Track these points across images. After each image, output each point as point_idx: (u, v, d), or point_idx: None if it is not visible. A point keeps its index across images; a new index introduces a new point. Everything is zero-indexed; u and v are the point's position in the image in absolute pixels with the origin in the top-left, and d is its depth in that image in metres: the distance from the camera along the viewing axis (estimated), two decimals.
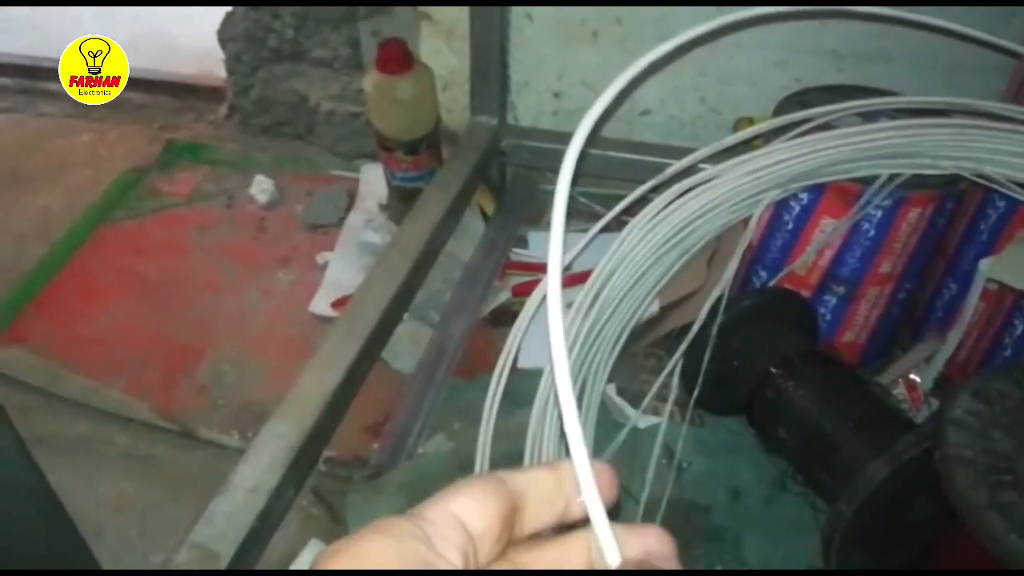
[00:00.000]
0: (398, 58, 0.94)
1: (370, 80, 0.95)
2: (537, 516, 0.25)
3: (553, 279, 0.27)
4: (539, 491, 0.25)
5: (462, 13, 1.00)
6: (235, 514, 0.60)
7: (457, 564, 0.22)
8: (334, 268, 1.00)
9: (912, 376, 0.79)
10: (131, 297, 1.02)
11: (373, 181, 1.10)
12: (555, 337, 0.26)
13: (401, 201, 1.03)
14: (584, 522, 0.25)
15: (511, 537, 0.24)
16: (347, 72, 1.16)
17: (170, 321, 0.99)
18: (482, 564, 0.23)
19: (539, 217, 1.09)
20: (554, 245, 0.27)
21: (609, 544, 0.24)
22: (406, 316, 0.88)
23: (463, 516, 0.23)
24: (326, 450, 0.77)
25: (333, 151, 1.21)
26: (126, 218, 1.15)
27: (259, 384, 0.90)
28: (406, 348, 0.87)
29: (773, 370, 0.73)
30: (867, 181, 0.72)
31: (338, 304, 0.95)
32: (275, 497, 0.61)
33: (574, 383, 0.76)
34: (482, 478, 0.24)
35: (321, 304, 0.96)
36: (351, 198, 1.12)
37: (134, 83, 1.38)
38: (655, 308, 0.86)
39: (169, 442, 0.84)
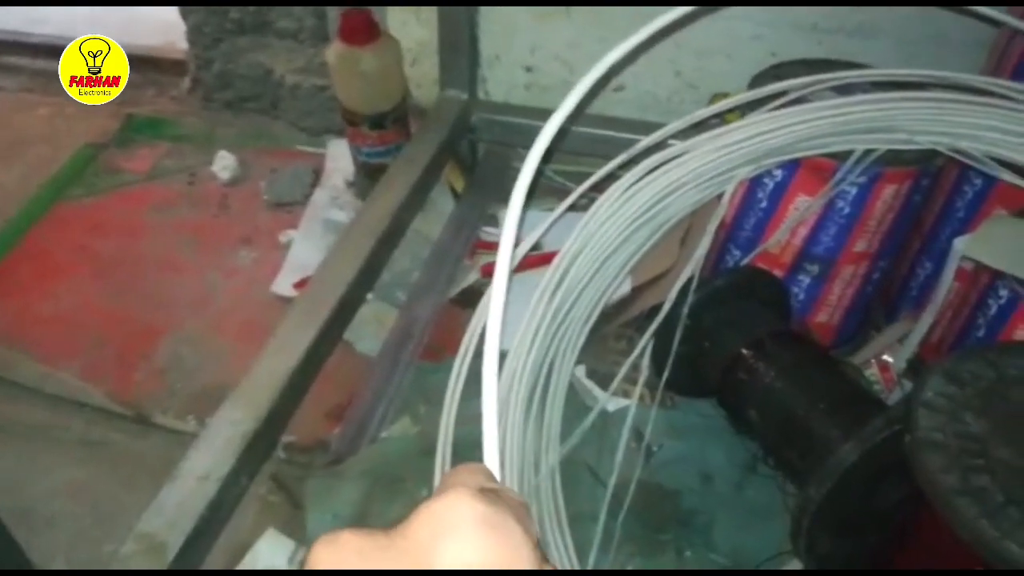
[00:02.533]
0: (362, 29, 0.90)
1: (333, 51, 0.92)
2: None
3: (502, 264, 0.24)
4: None
5: None
6: (184, 503, 0.57)
7: None
8: (298, 247, 0.97)
9: (885, 357, 0.78)
10: (88, 276, 0.99)
11: (339, 157, 1.07)
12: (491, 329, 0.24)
13: (368, 178, 1.00)
14: None
15: None
16: (313, 44, 1.12)
17: (128, 302, 0.96)
18: None
19: (510, 195, 1.06)
20: (508, 228, 0.25)
21: None
22: (370, 296, 0.85)
23: None
24: (285, 435, 0.75)
25: (298, 126, 1.18)
26: (84, 195, 1.11)
27: (219, 367, 0.87)
28: (370, 330, 0.85)
29: (744, 351, 0.71)
30: (842, 157, 0.70)
31: (301, 284, 0.92)
32: (227, 485, 0.58)
33: (541, 365, 0.74)
34: None
35: (284, 284, 0.93)
36: (317, 175, 1.08)
37: None
38: (626, 288, 0.84)
39: (125, 428, 0.82)
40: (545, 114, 0.38)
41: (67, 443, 0.81)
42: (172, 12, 1.17)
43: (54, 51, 1.34)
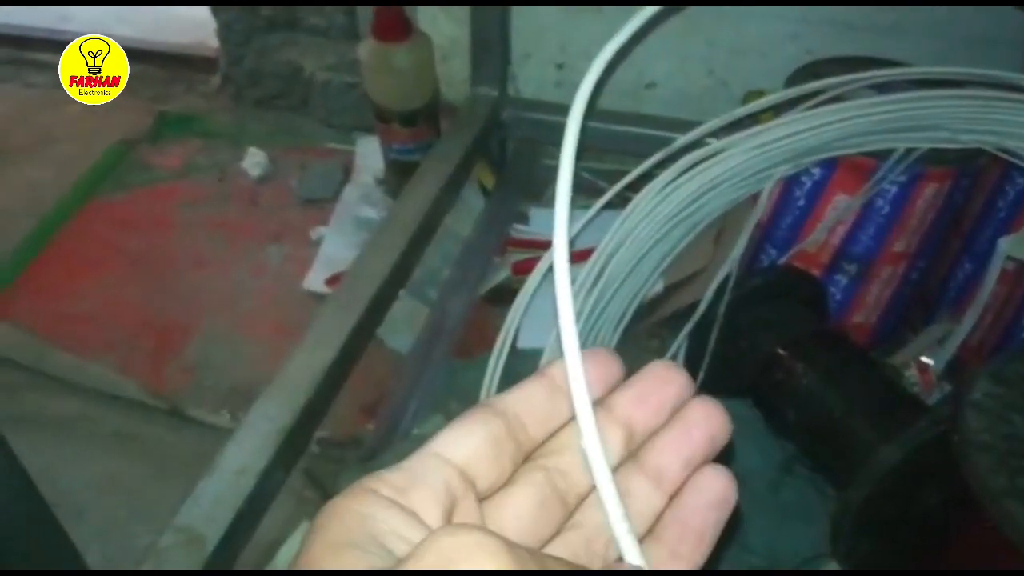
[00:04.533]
0: (395, 25, 0.90)
1: (366, 48, 0.92)
2: (541, 427, 0.24)
3: (560, 248, 0.24)
4: (534, 404, 0.24)
5: None
6: (222, 496, 0.57)
7: (432, 512, 0.20)
8: (329, 244, 0.98)
9: (924, 359, 0.76)
10: (120, 273, 1.00)
11: (369, 154, 1.07)
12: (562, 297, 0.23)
13: (398, 175, 1.00)
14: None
15: (524, 455, 0.23)
16: (343, 41, 1.12)
17: (159, 298, 0.96)
18: (483, 491, 0.22)
19: (540, 192, 1.05)
20: (560, 219, 0.25)
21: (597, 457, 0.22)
22: (402, 293, 0.85)
23: (445, 451, 0.22)
24: (319, 431, 0.74)
25: (328, 123, 1.18)
26: (115, 192, 1.12)
27: (250, 363, 0.87)
28: (402, 326, 0.85)
29: (781, 351, 0.71)
30: (882, 155, 0.69)
31: (332, 281, 0.92)
32: (264, 479, 0.58)
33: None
34: (467, 411, 0.23)
35: (315, 281, 0.94)
36: (347, 172, 1.08)
37: (125, 53, 1.35)
38: (659, 287, 0.83)
39: (159, 421, 0.82)
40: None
41: (101, 436, 0.81)
42: (203, 10, 1.18)
43: None
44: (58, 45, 1.39)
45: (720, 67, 1.00)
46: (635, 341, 0.86)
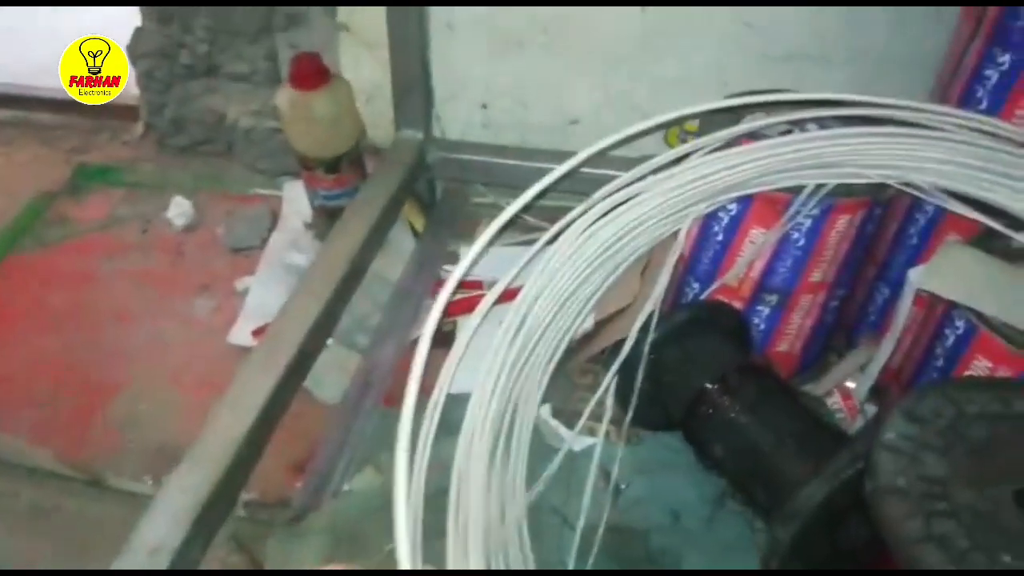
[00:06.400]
0: (312, 73, 0.90)
1: (284, 97, 0.91)
2: None
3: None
4: None
5: (382, 23, 0.96)
6: None
7: None
8: (256, 294, 0.96)
9: (848, 384, 0.78)
10: (41, 330, 0.96)
11: (297, 199, 1.05)
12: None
13: (327, 220, 0.99)
14: None
15: None
16: (266, 86, 1.11)
17: (82, 356, 0.93)
18: None
19: (471, 231, 1.05)
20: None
21: None
22: (330, 342, 0.84)
23: None
24: (245, 492, 0.73)
25: (254, 169, 1.16)
26: (35, 247, 1.08)
27: (176, 422, 0.85)
28: (331, 377, 0.83)
29: (708, 385, 0.71)
30: (795, 190, 0.70)
31: (259, 333, 0.90)
32: (180, 557, 0.56)
33: (504, 410, 0.73)
34: None
35: (241, 334, 0.92)
36: (275, 218, 1.07)
37: (44, 103, 1.32)
38: (589, 323, 0.83)
39: (78, 492, 0.79)
40: (501, 151, 0.38)
41: (18, 511, 0.78)
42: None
43: (2, 100, 1.32)
44: None
45: (643, 101, 1.01)
46: (568, 378, 0.86)
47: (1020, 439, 0.51)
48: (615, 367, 0.75)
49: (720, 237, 0.76)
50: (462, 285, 0.95)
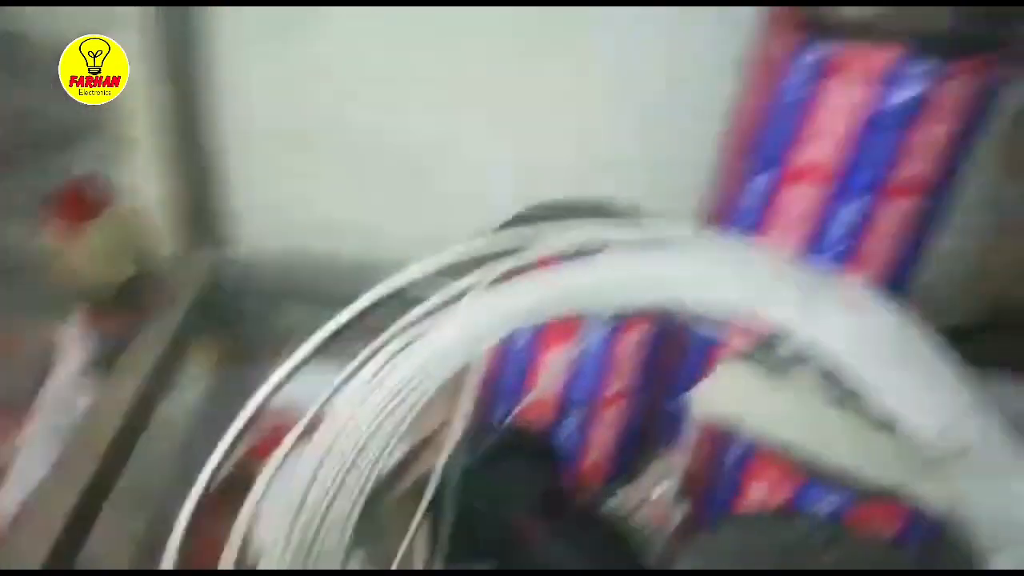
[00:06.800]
0: (81, 205, 0.83)
1: (51, 232, 0.83)
2: None
3: None
4: None
5: (165, 141, 0.91)
6: None
7: None
8: (25, 458, 0.85)
9: (656, 490, 0.79)
10: None
11: (74, 343, 0.95)
12: None
13: (110, 363, 0.90)
14: None
15: None
16: (37, 219, 1.01)
17: None
18: None
19: (276, 353, 0.99)
20: None
21: None
22: (107, 507, 0.75)
23: None
24: None
25: (25, 310, 1.05)
26: None
27: None
28: (110, 548, 0.74)
29: (515, 514, 0.70)
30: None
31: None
32: None
33: (305, 558, 0.68)
34: None
35: (8, 505, 0.80)
36: (48, 365, 0.96)
37: None
38: (399, 454, 0.80)
39: None
40: (299, 255, 0.34)
41: None
42: None
43: None
44: None
45: (437, 214, 1.00)
46: (387, 511, 0.82)
47: None
48: (425, 502, 0.72)
49: (521, 355, 0.76)
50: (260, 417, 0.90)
